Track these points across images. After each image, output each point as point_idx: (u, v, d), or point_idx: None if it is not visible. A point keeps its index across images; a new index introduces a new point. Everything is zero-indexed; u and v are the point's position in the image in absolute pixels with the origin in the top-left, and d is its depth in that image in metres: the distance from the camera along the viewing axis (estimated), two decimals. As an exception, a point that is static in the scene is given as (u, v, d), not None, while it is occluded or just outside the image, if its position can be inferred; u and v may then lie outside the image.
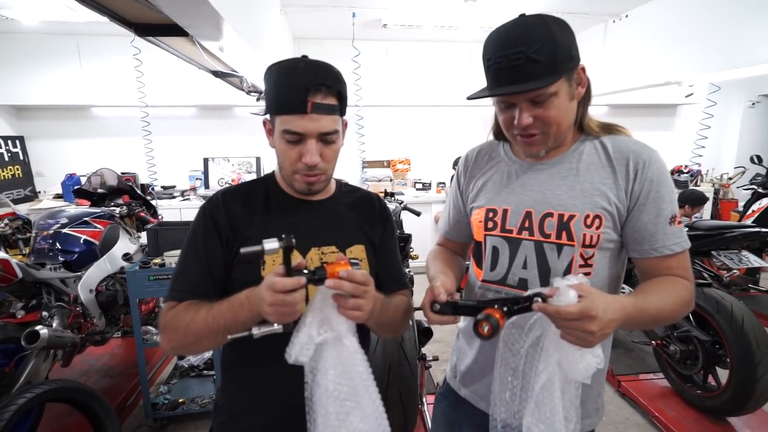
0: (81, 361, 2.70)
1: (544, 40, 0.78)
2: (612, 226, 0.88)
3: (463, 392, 1.07)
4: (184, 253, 0.90)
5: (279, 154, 0.88)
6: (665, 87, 3.58)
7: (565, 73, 0.81)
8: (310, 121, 0.81)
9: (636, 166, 0.87)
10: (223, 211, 0.89)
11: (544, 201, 0.91)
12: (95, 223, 2.46)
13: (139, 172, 4.71)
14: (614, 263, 0.93)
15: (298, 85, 0.80)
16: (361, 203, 1.02)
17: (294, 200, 0.94)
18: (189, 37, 1.75)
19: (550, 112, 0.83)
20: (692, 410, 2.26)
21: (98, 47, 4.30)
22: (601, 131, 0.93)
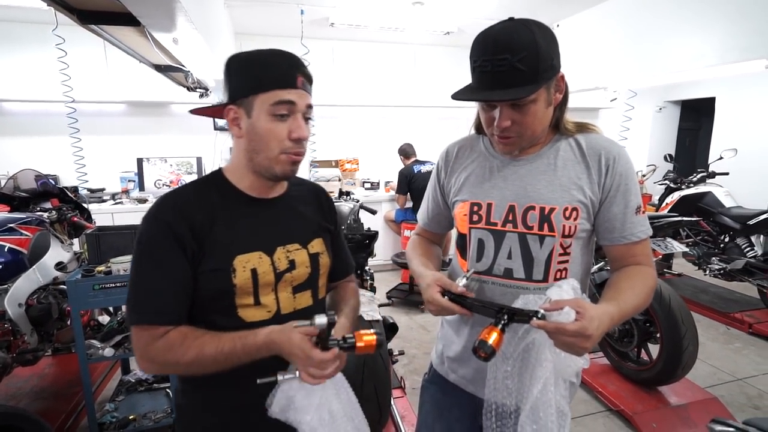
0: (5, 384, 2.40)
1: (529, 49, 0.82)
2: (586, 216, 0.97)
3: (452, 377, 1.12)
4: (146, 271, 0.81)
5: (262, 135, 0.83)
6: (592, 91, 3.94)
7: (545, 83, 0.87)
8: (299, 94, 0.84)
9: (607, 161, 0.96)
10: (182, 222, 0.82)
11: (525, 195, 0.98)
12: (22, 230, 2.20)
13: (62, 174, 4.28)
14: (586, 250, 1.03)
15: (289, 62, 0.84)
16: (310, 196, 1.03)
17: (251, 199, 0.90)
18: (140, 27, 1.64)
19: (527, 118, 0.90)
20: (629, 383, 2.52)
21: (9, 35, 3.84)
22: (575, 130, 1.01)
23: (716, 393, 2.46)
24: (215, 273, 0.83)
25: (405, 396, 2.47)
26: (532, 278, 0.98)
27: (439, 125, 5.46)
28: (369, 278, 2.47)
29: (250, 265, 0.85)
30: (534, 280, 0.98)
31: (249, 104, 0.83)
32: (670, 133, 6.56)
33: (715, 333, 3.39)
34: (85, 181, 4.23)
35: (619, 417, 2.35)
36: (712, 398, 2.37)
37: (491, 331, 0.80)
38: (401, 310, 3.90)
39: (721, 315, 3.58)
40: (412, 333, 3.47)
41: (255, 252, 0.86)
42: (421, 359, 3.04)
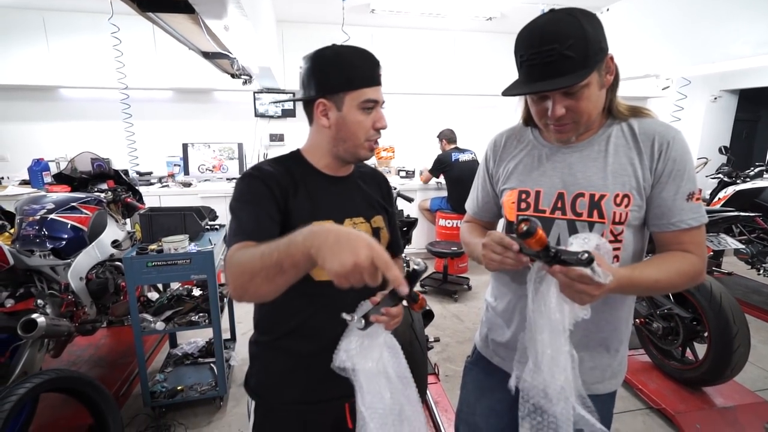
0: (67, 351, 2.59)
1: (576, 36, 0.82)
2: (639, 203, 0.94)
3: (496, 360, 1.15)
4: (245, 208, 0.91)
5: (351, 126, 0.96)
6: (642, 80, 3.74)
7: (597, 66, 0.86)
8: (379, 90, 0.99)
9: (661, 146, 0.93)
10: (274, 180, 0.94)
11: (575, 182, 0.97)
12: (83, 209, 2.36)
13: (114, 158, 4.50)
14: (639, 238, 1.00)
15: (372, 62, 0.97)
16: (371, 178, 1.14)
17: (326, 176, 1.03)
18: (193, 15, 1.69)
19: (581, 103, 0.88)
20: (671, 382, 2.43)
21: (67, 24, 4.04)
22: (629, 114, 0.99)
23: (767, 397, 2.34)
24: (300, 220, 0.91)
25: (439, 382, 2.49)
26: None
27: (478, 114, 5.36)
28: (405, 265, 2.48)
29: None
30: None
31: (339, 99, 0.95)
32: (725, 124, 6.16)
33: (767, 335, 3.21)
34: (136, 164, 4.44)
35: (659, 416, 2.28)
36: (763, 402, 2.26)
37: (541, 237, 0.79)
38: (435, 299, 3.91)
39: (775, 317, 3.39)
40: (446, 322, 3.48)
41: (328, 220, 0.97)
42: (454, 348, 3.05)
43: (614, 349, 1.05)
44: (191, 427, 2.19)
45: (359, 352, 0.86)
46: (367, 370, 0.84)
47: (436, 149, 4.69)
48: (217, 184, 4.57)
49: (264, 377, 1.05)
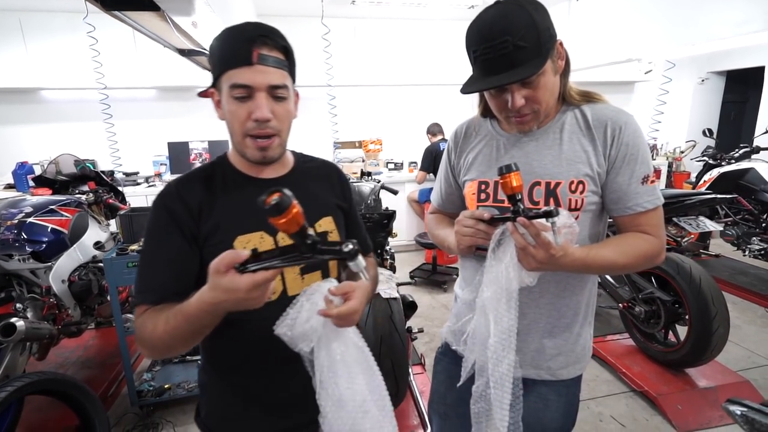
0: (55, 354, 2.61)
1: (527, 25, 0.82)
2: (593, 189, 0.96)
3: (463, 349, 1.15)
4: (144, 252, 0.84)
5: (228, 118, 0.83)
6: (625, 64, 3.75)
7: (550, 53, 0.86)
8: (257, 72, 0.77)
9: (613, 132, 0.94)
10: (179, 202, 0.83)
11: (531, 171, 0.98)
12: (62, 211, 2.35)
13: (99, 158, 4.48)
14: (595, 223, 1.02)
15: (242, 36, 0.78)
16: (320, 172, 1.00)
17: (252, 179, 0.89)
18: (160, 12, 1.68)
19: (539, 92, 0.89)
20: (655, 365, 2.47)
21: (44, 24, 4.00)
22: (581, 99, 1.00)
23: (749, 376, 2.38)
24: (215, 254, 0.79)
25: (425, 372, 2.52)
26: None
27: (465, 103, 5.34)
28: (389, 257, 2.50)
29: (251, 245, 0.84)
30: None
31: (220, 87, 0.82)
32: (713, 107, 6.18)
33: (752, 315, 3.25)
34: (119, 165, 4.42)
35: (642, 398, 2.32)
36: (744, 381, 2.30)
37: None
38: (424, 290, 3.93)
39: (761, 297, 3.42)
40: (435, 312, 3.50)
41: (256, 232, 0.85)
42: (442, 338, 3.07)
43: (576, 333, 1.06)
44: (179, 424, 2.21)
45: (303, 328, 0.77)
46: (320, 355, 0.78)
47: (424, 141, 4.69)
48: (204, 182, 4.55)
49: (215, 410, 0.95)
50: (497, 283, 0.91)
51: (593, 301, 1.10)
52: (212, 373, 0.95)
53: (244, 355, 0.90)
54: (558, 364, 1.06)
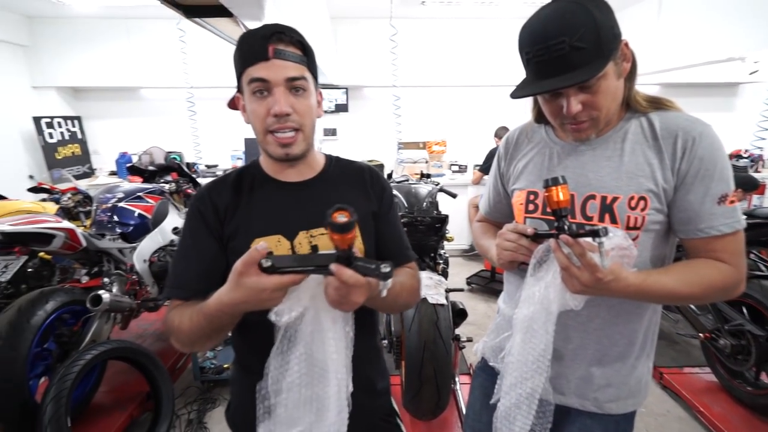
0: (137, 325, 2.92)
1: (586, 24, 0.75)
2: (657, 206, 0.86)
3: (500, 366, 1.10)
4: (177, 251, 0.90)
5: (251, 118, 0.84)
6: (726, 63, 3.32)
7: (612, 54, 0.78)
8: (273, 66, 0.79)
9: (685, 144, 0.84)
10: (209, 205, 0.88)
11: (586, 183, 0.91)
12: (148, 198, 2.63)
13: (185, 151, 4.94)
14: (660, 244, 0.91)
15: (257, 34, 0.80)
16: (350, 177, 0.97)
17: (279, 183, 0.91)
18: (233, 18, 1.80)
19: (598, 97, 0.82)
20: (741, 408, 2.17)
21: (146, 30, 4.50)
22: (648, 106, 0.90)
23: None
24: (236, 255, 0.78)
25: (473, 383, 2.45)
26: None
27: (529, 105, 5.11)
28: (442, 262, 2.46)
29: (273, 245, 0.85)
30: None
31: (243, 89, 0.84)
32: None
33: None
34: (200, 158, 4.82)
35: (721, 443, 2.05)
36: None
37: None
38: (480, 298, 3.82)
39: None
40: (490, 321, 3.38)
41: (274, 235, 0.86)
42: (495, 349, 2.97)
43: (630, 365, 0.97)
44: (234, 403, 2.37)
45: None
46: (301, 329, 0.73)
47: (489, 144, 4.56)
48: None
49: (240, 408, 0.96)
50: (535, 302, 0.86)
51: (654, 330, 1.00)
52: (240, 371, 0.97)
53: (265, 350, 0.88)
54: (607, 396, 0.97)
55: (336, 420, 0.76)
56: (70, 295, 1.96)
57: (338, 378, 0.75)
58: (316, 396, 0.75)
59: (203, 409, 2.30)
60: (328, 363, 0.74)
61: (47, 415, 1.61)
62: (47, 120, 4.43)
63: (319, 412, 0.76)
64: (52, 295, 1.89)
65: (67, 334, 1.96)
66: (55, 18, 4.41)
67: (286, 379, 0.74)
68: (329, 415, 0.75)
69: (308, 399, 0.75)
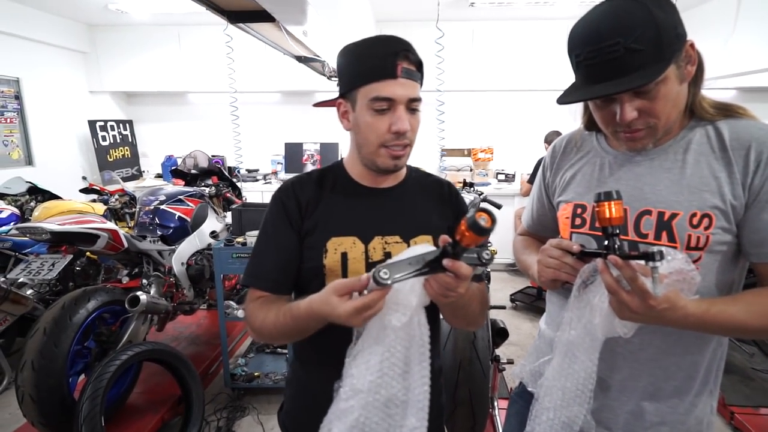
0: (173, 327, 3.04)
1: (644, 24, 0.69)
2: (724, 225, 0.78)
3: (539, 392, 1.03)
4: (259, 240, 0.94)
5: (363, 129, 0.86)
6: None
7: (674, 57, 0.72)
8: (400, 86, 0.81)
9: (759, 156, 0.75)
10: (293, 198, 0.92)
11: (641, 197, 0.84)
12: (188, 201, 2.73)
13: (227, 155, 5.12)
14: (727, 268, 0.82)
15: (386, 50, 0.82)
16: (429, 190, 1.00)
17: (360, 186, 0.94)
18: (275, 23, 1.84)
19: (657, 104, 0.75)
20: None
21: (195, 36, 4.74)
22: (716, 114, 0.82)
23: None
24: (311, 250, 0.89)
25: (513, 409, 2.33)
26: None
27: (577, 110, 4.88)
28: (483, 276, 2.37)
29: (342, 248, 0.88)
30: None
31: (353, 98, 0.86)
32: None
33: None
34: (241, 162, 4.98)
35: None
36: None
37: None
38: (525, 316, 3.67)
39: None
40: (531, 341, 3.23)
41: (350, 237, 0.89)
42: (539, 373, 2.82)
43: (689, 402, 0.87)
44: (263, 412, 2.39)
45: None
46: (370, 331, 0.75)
47: (540, 152, 4.39)
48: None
49: (293, 409, 1.00)
50: (579, 326, 0.80)
51: (719, 363, 0.90)
52: (298, 369, 1.00)
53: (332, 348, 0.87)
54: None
55: (417, 425, 0.76)
56: (111, 295, 2.05)
57: (422, 379, 0.76)
58: (397, 398, 0.76)
59: (232, 417, 2.33)
60: (413, 364, 0.76)
61: (83, 413, 1.69)
62: (101, 123, 4.76)
63: (400, 415, 0.76)
64: (95, 294, 1.99)
65: (106, 333, 2.05)
66: (113, 26, 4.74)
67: (366, 378, 0.74)
68: (410, 420, 0.76)
69: (389, 400, 0.76)
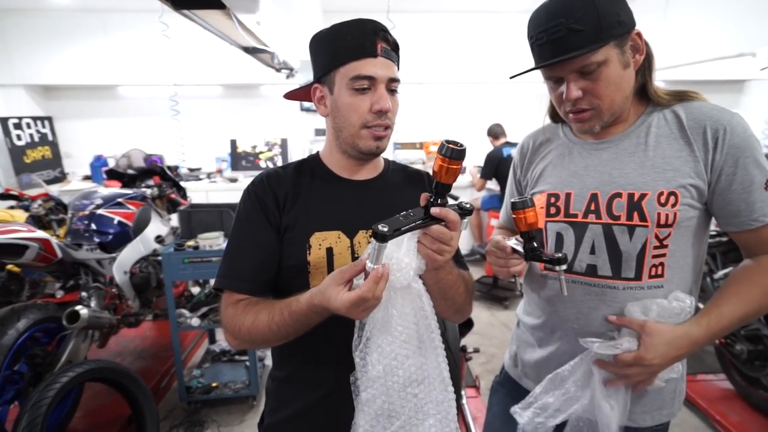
0: (115, 342, 2.83)
1: (585, 7, 0.77)
2: (690, 202, 0.85)
3: (525, 382, 1.09)
4: (234, 238, 0.90)
5: (343, 110, 0.85)
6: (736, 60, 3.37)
7: (613, 39, 0.79)
8: (380, 65, 0.82)
9: (715, 134, 0.83)
10: (270, 192, 0.89)
11: (611, 181, 0.90)
12: (128, 204, 2.54)
13: (165, 153, 4.83)
14: (694, 242, 0.90)
15: (365, 29, 0.82)
16: (409, 181, 1.00)
17: (340, 179, 0.93)
18: (226, 10, 1.75)
19: (599, 85, 0.82)
20: (758, 415, 2.18)
21: (124, 24, 4.40)
22: (672, 99, 0.90)
23: None
24: (293, 247, 0.87)
25: (479, 396, 2.42)
26: (621, 276, 0.89)
27: (535, 103, 5.12)
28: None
29: (327, 243, 0.86)
30: (623, 278, 0.89)
31: (331, 80, 0.85)
32: None
33: None
34: (183, 160, 4.73)
35: (742, 454, 2.05)
36: None
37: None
38: (482, 305, 3.80)
39: None
40: (493, 330, 3.37)
41: (334, 231, 0.87)
42: (500, 358, 2.91)
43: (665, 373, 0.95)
44: (224, 424, 2.30)
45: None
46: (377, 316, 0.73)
47: (487, 143, 4.54)
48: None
49: (276, 423, 0.95)
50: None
51: None
52: (280, 376, 0.95)
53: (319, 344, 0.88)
54: (639, 408, 0.95)
55: (442, 398, 0.76)
56: (44, 312, 1.87)
57: (435, 350, 0.76)
58: (414, 376, 0.75)
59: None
60: (424, 340, 0.75)
61: (20, 444, 1.53)
62: (15, 121, 4.30)
63: (420, 395, 0.75)
64: (25, 311, 1.81)
65: (40, 354, 1.87)
66: (24, 11, 4.29)
67: (380, 365, 0.73)
68: (433, 395, 0.76)
69: (406, 381, 0.74)
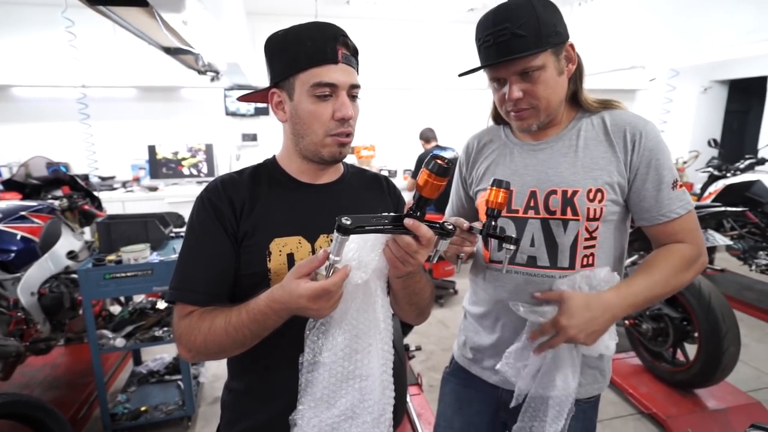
0: (20, 372, 2.52)
1: (528, 15, 0.87)
2: (613, 198, 0.97)
3: (475, 369, 1.14)
4: (186, 248, 0.87)
5: (305, 118, 0.83)
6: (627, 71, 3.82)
7: (550, 47, 0.89)
8: (341, 71, 0.81)
9: (633, 137, 0.95)
10: (225, 199, 0.86)
11: (547, 179, 0.99)
12: (33, 218, 2.29)
13: (74, 161, 4.39)
14: (617, 234, 1.02)
15: (326, 34, 0.81)
16: (369, 185, 1.01)
17: (299, 183, 0.91)
18: (148, 8, 1.66)
19: (538, 87, 0.92)
20: (662, 385, 2.47)
21: (18, 18, 3.95)
22: (599, 106, 1.02)
23: (760, 397, 2.39)
24: (252, 254, 0.85)
25: (422, 393, 2.49)
26: (557, 265, 0.99)
27: (462, 109, 5.39)
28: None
29: (287, 249, 0.85)
30: (559, 267, 0.99)
31: (290, 86, 0.83)
32: (715, 116, 6.31)
33: (760, 333, 3.29)
34: (96, 168, 4.35)
35: (651, 420, 2.32)
36: (755, 403, 2.31)
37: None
38: (419, 305, 3.90)
39: (768, 314, 3.47)
40: (431, 328, 3.48)
41: (294, 236, 0.86)
42: (439, 355, 3.05)
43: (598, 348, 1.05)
44: (157, 450, 2.15)
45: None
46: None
47: (419, 147, 4.70)
48: (186, 187, 4.50)
49: (236, 430, 0.93)
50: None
51: None
52: (238, 387, 0.93)
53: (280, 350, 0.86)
54: None
55: (380, 399, 0.77)
56: (-67, 344, 1.63)
57: (384, 351, 0.76)
58: (359, 371, 0.75)
59: (119, 462, 2.05)
60: (373, 334, 0.75)
61: None
62: None
63: (362, 390, 0.75)
64: None
65: (-70, 393, 1.63)
66: None
67: (327, 351, 0.74)
68: (373, 395, 0.76)
69: (351, 374, 0.75)
